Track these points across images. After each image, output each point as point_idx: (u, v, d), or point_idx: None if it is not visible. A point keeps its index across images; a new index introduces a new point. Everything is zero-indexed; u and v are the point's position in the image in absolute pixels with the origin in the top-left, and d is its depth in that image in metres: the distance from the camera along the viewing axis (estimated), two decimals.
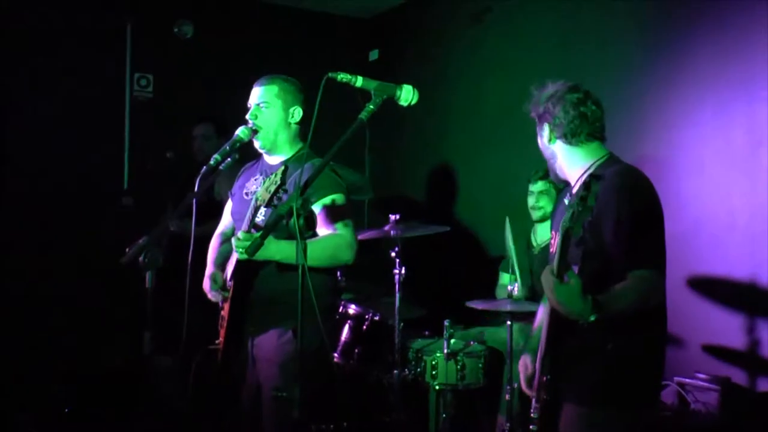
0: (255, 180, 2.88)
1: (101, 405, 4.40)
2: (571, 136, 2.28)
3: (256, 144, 2.81)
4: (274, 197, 2.38)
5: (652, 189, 2.19)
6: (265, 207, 2.47)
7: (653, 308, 2.17)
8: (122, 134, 5.20)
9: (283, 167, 2.40)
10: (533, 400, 2.26)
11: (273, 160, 2.87)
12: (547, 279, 1.98)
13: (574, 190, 2.35)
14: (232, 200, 3.01)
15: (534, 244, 3.99)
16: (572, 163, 2.32)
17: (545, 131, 2.34)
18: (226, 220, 3.07)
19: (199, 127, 4.67)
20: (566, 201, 2.37)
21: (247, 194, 2.86)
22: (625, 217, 2.10)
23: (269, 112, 2.78)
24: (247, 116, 2.78)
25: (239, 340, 2.78)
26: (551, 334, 2.16)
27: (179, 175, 4.52)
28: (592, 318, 1.95)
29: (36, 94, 4.86)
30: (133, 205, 5.03)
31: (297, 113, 2.83)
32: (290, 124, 2.83)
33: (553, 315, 2.13)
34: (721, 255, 3.46)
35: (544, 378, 2.19)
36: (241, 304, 2.72)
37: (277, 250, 2.52)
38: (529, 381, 2.33)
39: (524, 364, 2.38)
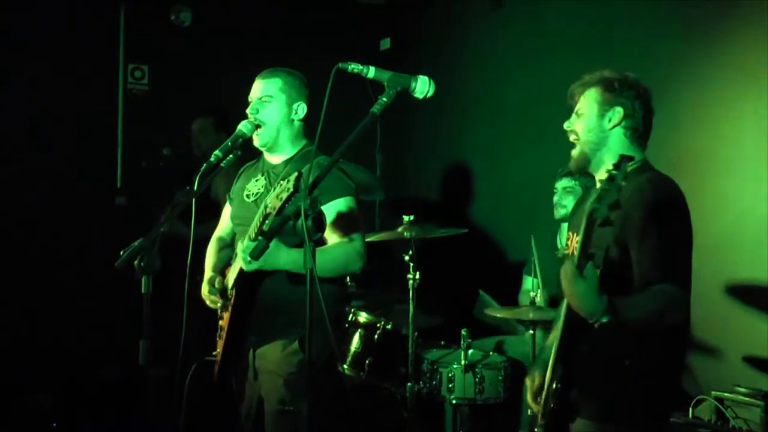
0: (256, 181, 2.89)
1: (93, 420, 4.44)
2: (638, 134, 2.31)
3: (255, 141, 2.82)
4: (286, 205, 2.35)
5: (684, 202, 2.22)
6: (276, 216, 2.42)
7: (676, 325, 2.20)
8: (115, 130, 5.23)
9: (296, 173, 2.36)
10: (538, 416, 2.29)
11: (274, 159, 2.89)
12: (565, 269, 2.00)
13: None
14: (230, 204, 3.03)
15: (559, 246, 4.00)
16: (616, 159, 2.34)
17: (614, 113, 2.31)
18: (224, 224, 3.09)
19: (196, 122, 4.72)
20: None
21: (248, 196, 2.87)
22: (652, 231, 2.12)
23: (272, 108, 2.81)
24: (248, 111, 2.80)
25: (239, 352, 2.80)
26: (564, 341, 2.19)
27: (176, 173, 4.55)
28: (604, 320, 1.98)
29: (21, 86, 4.84)
30: (127, 205, 5.08)
31: (301, 109, 2.86)
32: (293, 120, 2.85)
33: (568, 320, 2.16)
34: (764, 258, 3.44)
35: (554, 386, 2.22)
36: (243, 314, 2.73)
37: (288, 259, 2.52)
38: (536, 394, 2.35)
39: (532, 376, 2.41)
